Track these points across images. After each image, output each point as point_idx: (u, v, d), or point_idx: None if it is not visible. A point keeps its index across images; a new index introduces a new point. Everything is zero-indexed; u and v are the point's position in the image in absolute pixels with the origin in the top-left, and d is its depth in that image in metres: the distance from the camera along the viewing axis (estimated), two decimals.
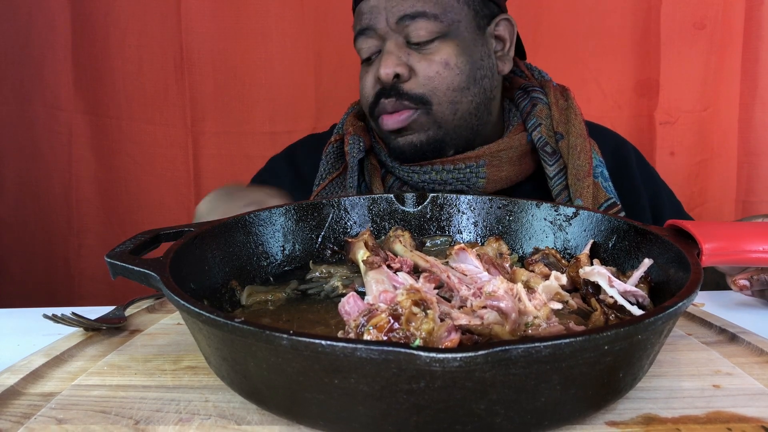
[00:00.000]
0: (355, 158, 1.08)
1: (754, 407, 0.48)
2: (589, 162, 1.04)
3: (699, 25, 1.61)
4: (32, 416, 0.47)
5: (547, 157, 1.07)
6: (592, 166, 1.04)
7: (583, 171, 1.03)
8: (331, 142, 1.15)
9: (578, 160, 1.04)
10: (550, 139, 1.07)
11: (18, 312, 0.85)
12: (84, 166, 1.68)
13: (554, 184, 1.06)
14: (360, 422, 0.41)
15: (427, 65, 1.00)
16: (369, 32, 1.03)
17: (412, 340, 0.43)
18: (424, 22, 1.00)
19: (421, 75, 1.01)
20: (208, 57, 1.64)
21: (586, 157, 1.04)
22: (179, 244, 0.59)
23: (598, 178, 1.05)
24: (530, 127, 1.08)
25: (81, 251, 1.71)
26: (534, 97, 1.12)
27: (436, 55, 1.01)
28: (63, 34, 1.62)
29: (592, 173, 1.04)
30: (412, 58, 1.01)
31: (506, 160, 1.06)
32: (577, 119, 1.08)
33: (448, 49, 1.01)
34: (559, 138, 1.08)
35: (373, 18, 1.02)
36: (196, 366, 0.57)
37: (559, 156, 1.07)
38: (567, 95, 1.12)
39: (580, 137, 1.06)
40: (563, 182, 1.05)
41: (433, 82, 1.01)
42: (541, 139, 1.07)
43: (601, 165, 1.07)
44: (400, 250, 0.71)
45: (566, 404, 0.42)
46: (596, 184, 1.04)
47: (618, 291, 0.58)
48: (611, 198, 1.04)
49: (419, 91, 1.01)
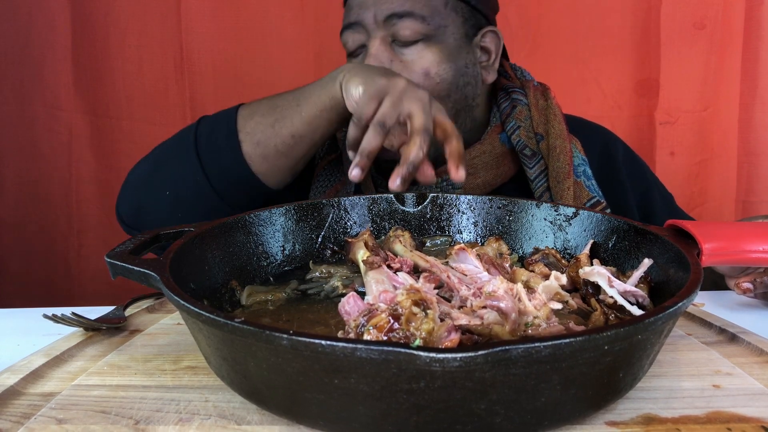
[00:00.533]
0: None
1: (754, 407, 0.48)
2: (569, 163, 1.04)
3: (699, 25, 1.61)
4: (32, 416, 0.47)
5: (526, 159, 1.06)
6: (572, 167, 1.04)
7: (563, 173, 1.03)
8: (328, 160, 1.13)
9: (558, 161, 1.04)
10: (530, 141, 1.07)
11: (18, 312, 0.85)
12: (84, 166, 1.68)
13: (536, 186, 1.06)
14: (360, 422, 0.41)
15: (407, 75, 0.98)
16: (356, 27, 1.02)
17: (412, 340, 0.43)
18: (411, 21, 0.99)
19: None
20: (208, 57, 1.64)
21: (566, 158, 1.04)
22: (179, 244, 0.59)
23: (581, 177, 1.05)
24: (509, 129, 1.08)
25: (81, 251, 1.71)
26: (514, 98, 1.11)
27: (417, 63, 0.99)
28: (63, 34, 1.62)
29: (572, 174, 1.03)
30: (394, 65, 0.99)
31: (481, 167, 1.06)
32: (557, 119, 1.07)
33: (431, 55, 1.00)
34: (540, 139, 1.07)
35: (362, 13, 1.01)
36: (196, 366, 0.57)
37: (540, 157, 1.06)
38: (547, 95, 1.11)
39: (560, 138, 1.05)
40: (545, 184, 1.05)
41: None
42: (520, 142, 1.06)
43: (584, 164, 1.06)
44: (400, 250, 0.71)
45: (566, 404, 0.42)
46: (578, 184, 1.04)
47: (618, 291, 0.58)
48: (594, 197, 1.04)
49: None
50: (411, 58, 1.00)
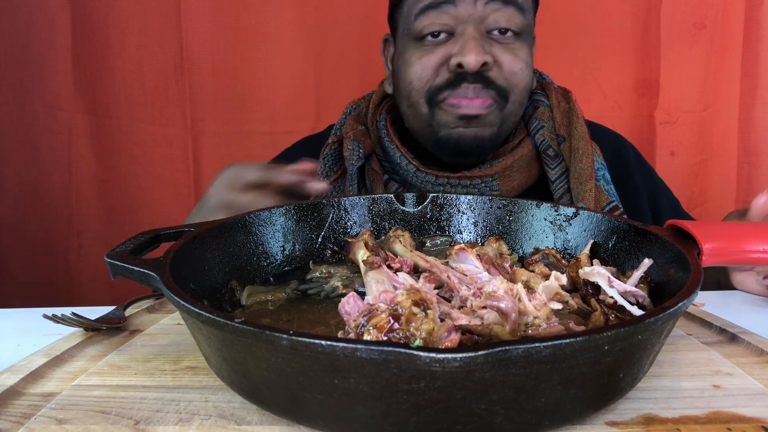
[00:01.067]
0: (355, 165, 1.05)
1: (755, 407, 0.48)
2: (591, 165, 1.03)
3: (699, 25, 1.61)
4: (32, 416, 0.47)
5: (549, 160, 1.06)
6: (594, 170, 1.03)
7: (585, 174, 1.02)
8: (329, 144, 1.11)
9: (580, 163, 1.03)
10: (552, 142, 1.06)
11: (18, 312, 0.85)
12: (84, 166, 1.68)
13: (556, 187, 1.05)
14: (360, 422, 0.41)
15: (512, 58, 0.97)
16: (447, 7, 0.96)
17: (412, 340, 0.43)
18: (513, 11, 0.96)
19: (505, 67, 0.97)
20: (208, 57, 1.63)
21: (588, 160, 1.03)
22: (179, 244, 0.59)
23: (600, 181, 1.04)
24: (532, 129, 1.07)
25: (81, 251, 1.71)
26: (536, 99, 1.11)
27: (519, 51, 0.97)
28: (63, 34, 1.62)
29: (594, 176, 1.03)
30: (494, 48, 0.96)
31: (517, 170, 1.06)
32: (579, 122, 1.07)
33: (526, 49, 0.98)
34: (561, 141, 1.07)
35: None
36: (196, 366, 0.57)
37: (561, 159, 1.06)
38: (569, 97, 1.11)
39: (582, 140, 1.05)
40: (565, 186, 1.05)
41: (515, 77, 0.98)
42: (544, 142, 1.06)
43: (603, 168, 1.07)
44: (400, 250, 0.71)
45: (566, 404, 0.42)
46: (598, 188, 1.03)
47: (618, 291, 0.58)
48: (613, 201, 1.03)
49: (503, 84, 0.97)
50: (512, 47, 0.97)
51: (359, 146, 1.06)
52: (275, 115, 1.66)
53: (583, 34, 1.65)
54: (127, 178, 1.69)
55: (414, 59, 1.00)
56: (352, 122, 1.12)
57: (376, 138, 1.12)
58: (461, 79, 0.97)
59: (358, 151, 1.06)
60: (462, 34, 0.96)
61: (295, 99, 1.66)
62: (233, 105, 1.66)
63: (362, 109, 1.16)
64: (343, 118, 1.15)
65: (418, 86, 1.00)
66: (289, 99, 1.66)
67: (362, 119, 1.15)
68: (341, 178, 1.08)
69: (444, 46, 0.98)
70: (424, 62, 0.99)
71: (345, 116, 1.16)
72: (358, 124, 1.13)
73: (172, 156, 1.67)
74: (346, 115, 1.16)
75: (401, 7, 1.03)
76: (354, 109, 1.16)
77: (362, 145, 1.07)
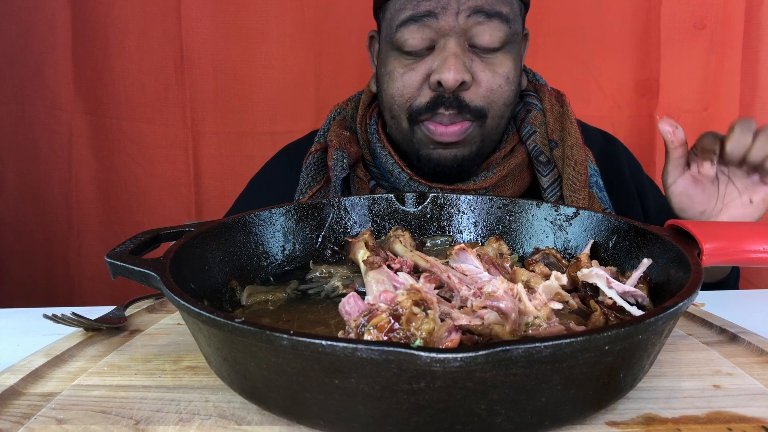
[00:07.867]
0: (339, 176, 1.01)
1: (755, 407, 0.48)
2: (584, 173, 1.00)
3: (699, 25, 1.61)
4: (32, 416, 0.47)
5: (541, 167, 1.03)
6: (587, 176, 1.00)
7: (579, 182, 0.99)
8: (312, 153, 1.06)
9: (574, 170, 1.00)
10: (545, 148, 1.03)
11: (18, 312, 0.85)
12: (84, 166, 1.68)
13: (548, 195, 1.02)
14: (360, 422, 0.41)
15: (491, 76, 0.93)
16: (429, 20, 0.92)
17: (413, 340, 0.43)
18: (498, 23, 0.91)
19: (483, 85, 0.94)
20: (208, 57, 1.64)
21: (582, 167, 1.00)
22: (179, 244, 0.59)
23: (593, 188, 1.01)
24: (524, 135, 1.04)
25: (81, 251, 1.71)
26: (528, 102, 1.07)
27: (500, 66, 0.94)
28: (63, 34, 1.62)
29: (587, 184, 1.00)
30: (475, 64, 0.93)
31: (510, 179, 1.03)
32: (573, 127, 1.04)
33: (509, 61, 0.95)
34: (554, 146, 1.03)
35: (440, 6, 0.91)
36: (196, 366, 0.57)
37: (554, 166, 1.03)
38: (562, 101, 1.07)
39: (576, 146, 1.02)
40: (558, 193, 1.01)
41: (493, 94, 0.95)
42: (536, 148, 1.03)
43: (596, 174, 1.03)
44: (401, 250, 0.71)
45: (567, 404, 0.42)
46: (591, 195, 1.00)
47: (617, 292, 0.58)
48: (606, 208, 1.01)
49: (479, 104, 0.94)
50: (493, 62, 0.94)
51: (344, 155, 1.02)
52: (275, 115, 1.66)
53: (583, 34, 1.65)
54: (127, 178, 1.69)
55: (396, 74, 0.97)
56: (337, 128, 1.08)
57: (365, 141, 1.08)
58: (439, 102, 0.94)
59: (343, 161, 1.01)
60: (443, 49, 0.92)
61: (295, 99, 1.66)
62: (233, 105, 1.66)
63: (348, 112, 1.12)
64: (328, 124, 1.11)
65: (400, 102, 0.98)
66: (289, 99, 1.66)
67: (348, 123, 1.10)
68: (324, 187, 1.04)
69: (425, 60, 0.94)
70: (406, 79, 0.96)
71: (329, 121, 1.11)
72: (344, 129, 1.08)
73: (172, 156, 1.67)
74: (330, 120, 1.11)
75: (384, 11, 1.00)
76: (339, 113, 1.12)
77: (347, 154, 1.02)
